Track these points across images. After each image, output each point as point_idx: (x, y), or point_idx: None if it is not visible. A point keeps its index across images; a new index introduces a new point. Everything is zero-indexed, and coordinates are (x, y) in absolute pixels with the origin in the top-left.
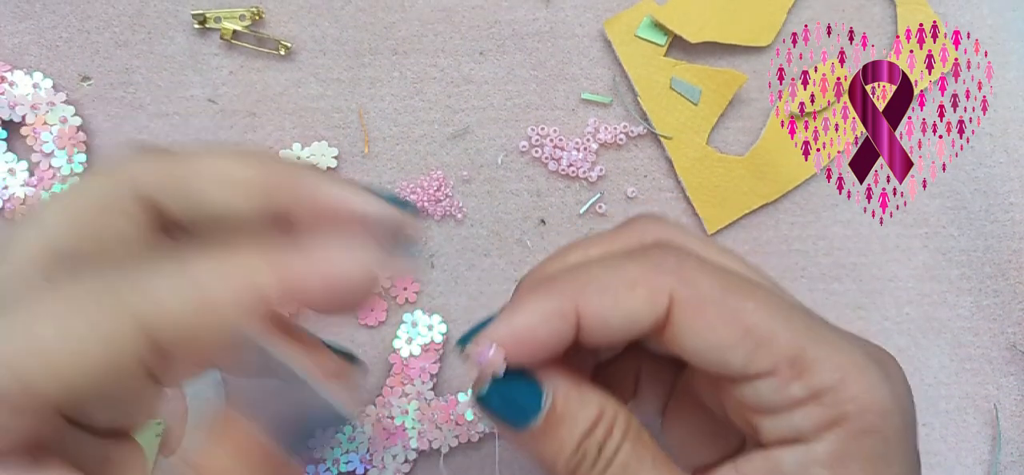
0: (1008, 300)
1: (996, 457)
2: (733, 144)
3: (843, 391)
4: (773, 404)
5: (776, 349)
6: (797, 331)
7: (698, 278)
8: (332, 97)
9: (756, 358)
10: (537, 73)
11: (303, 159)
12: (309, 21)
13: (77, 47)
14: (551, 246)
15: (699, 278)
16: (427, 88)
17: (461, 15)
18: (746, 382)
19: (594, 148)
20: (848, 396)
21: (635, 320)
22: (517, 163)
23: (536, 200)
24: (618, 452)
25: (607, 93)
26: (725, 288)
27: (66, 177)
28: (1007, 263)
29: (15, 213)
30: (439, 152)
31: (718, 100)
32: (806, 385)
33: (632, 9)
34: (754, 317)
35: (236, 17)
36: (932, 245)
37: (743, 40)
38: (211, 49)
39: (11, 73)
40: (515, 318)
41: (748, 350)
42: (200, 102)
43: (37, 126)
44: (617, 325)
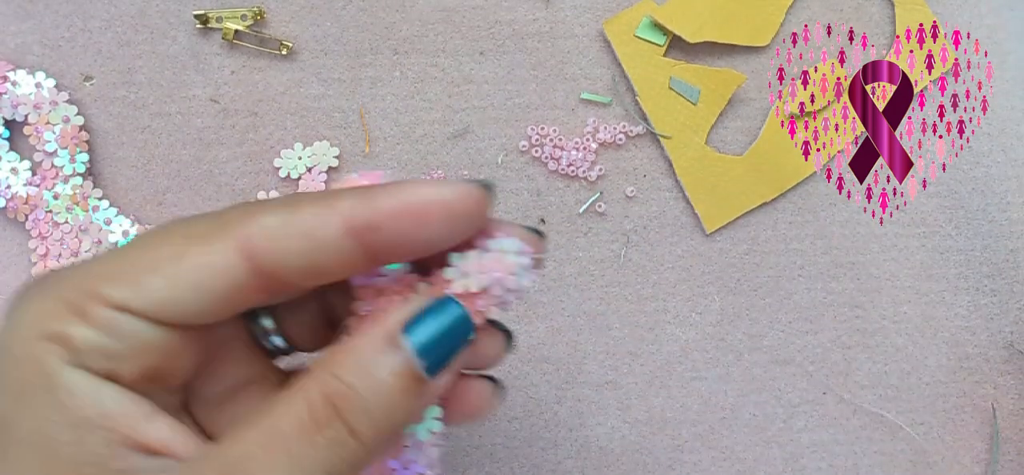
0: (1006, 299)
1: (994, 456)
2: (732, 144)
3: None
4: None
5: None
6: None
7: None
8: (333, 97)
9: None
10: (537, 73)
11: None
12: (310, 21)
13: (79, 47)
14: (551, 246)
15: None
16: (428, 88)
17: (461, 15)
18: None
19: (594, 148)
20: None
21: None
22: (517, 163)
23: (536, 200)
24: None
25: (606, 93)
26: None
27: (68, 176)
28: (1005, 263)
29: (17, 212)
30: (439, 152)
31: (717, 100)
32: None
33: (631, 9)
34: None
35: (238, 17)
36: (930, 244)
37: (742, 40)
38: (213, 49)
39: (14, 72)
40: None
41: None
42: (202, 102)
43: (40, 125)
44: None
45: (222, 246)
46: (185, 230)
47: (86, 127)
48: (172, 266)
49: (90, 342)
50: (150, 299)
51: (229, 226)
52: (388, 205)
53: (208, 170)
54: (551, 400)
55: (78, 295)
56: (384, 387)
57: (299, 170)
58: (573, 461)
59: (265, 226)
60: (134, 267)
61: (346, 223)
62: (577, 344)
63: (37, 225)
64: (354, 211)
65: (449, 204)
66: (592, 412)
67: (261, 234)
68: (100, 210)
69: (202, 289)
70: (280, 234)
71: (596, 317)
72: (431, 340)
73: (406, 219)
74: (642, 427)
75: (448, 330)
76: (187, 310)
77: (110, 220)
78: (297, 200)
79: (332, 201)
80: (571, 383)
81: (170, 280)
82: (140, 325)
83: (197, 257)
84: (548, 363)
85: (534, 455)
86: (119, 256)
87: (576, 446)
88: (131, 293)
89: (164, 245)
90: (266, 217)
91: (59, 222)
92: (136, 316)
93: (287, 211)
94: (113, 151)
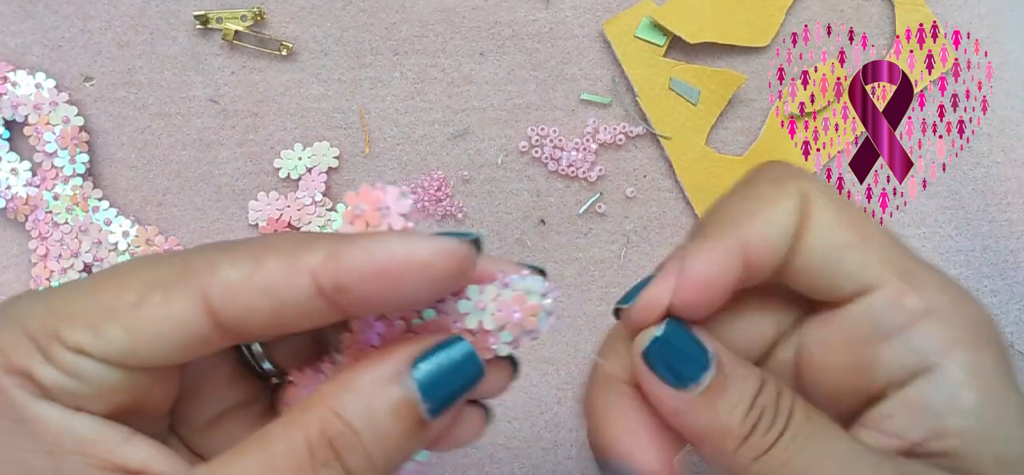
0: (1006, 300)
1: None
2: (732, 144)
3: (958, 307)
4: (890, 323)
5: (887, 260)
6: (904, 251)
7: (821, 186)
8: (333, 97)
9: (868, 265)
10: (537, 74)
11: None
12: (310, 22)
13: (79, 47)
14: (551, 246)
15: (822, 187)
16: (428, 89)
17: (461, 16)
18: (861, 299)
19: (593, 148)
20: (964, 311)
21: (787, 229)
22: (517, 163)
23: (536, 200)
24: (793, 411)
25: (606, 94)
26: (843, 205)
27: (68, 177)
28: (1004, 263)
29: (17, 213)
30: (439, 152)
31: (717, 100)
32: (921, 298)
33: (631, 10)
34: (869, 227)
35: (238, 18)
36: (930, 245)
37: (742, 41)
38: (213, 49)
39: (14, 73)
40: (689, 263)
41: (862, 256)
42: (202, 102)
43: (40, 126)
44: (777, 242)
45: (182, 299)
46: (148, 274)
47: (86, 128)
48: (131, 314)
49: (55, 382)
50: (109, 347)
51: (191, 275)
52: (358, 265)
53: (208, 171)
54: (551, 401)
55: (40, 332)
56: (385, 429)
57: (299, 170)
58: (574, 462)
59: (226, 282)
60: (94, 310)
61: (313, 282)
62: (577, 345)
63: (37, 226)
64: (322, 270)
65: (426, 265)
66: None
67: (222, 290)
68: (100, 211)
69: (162, 339)
70: (242, 290)
71: (596, 317)
72: (437, 381)
73: (378, 281)
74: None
75: (456, 372)
76: (147, 358)
77: (110, 221)
78: (264, 249)
79: (299, 255)
80: (571, 384)
81: (128, 330)
82: (102, 369)
83: (156, 307)
84: (548, 364)
85: (534, 456)
86: (80, 294)
87: (577, 447)
88: (91, 339)
89: (125, 289)
90: (229, 269)
91: (59, 223)
92: (96, 361)
93: (251, 263)
94: (113, 152)
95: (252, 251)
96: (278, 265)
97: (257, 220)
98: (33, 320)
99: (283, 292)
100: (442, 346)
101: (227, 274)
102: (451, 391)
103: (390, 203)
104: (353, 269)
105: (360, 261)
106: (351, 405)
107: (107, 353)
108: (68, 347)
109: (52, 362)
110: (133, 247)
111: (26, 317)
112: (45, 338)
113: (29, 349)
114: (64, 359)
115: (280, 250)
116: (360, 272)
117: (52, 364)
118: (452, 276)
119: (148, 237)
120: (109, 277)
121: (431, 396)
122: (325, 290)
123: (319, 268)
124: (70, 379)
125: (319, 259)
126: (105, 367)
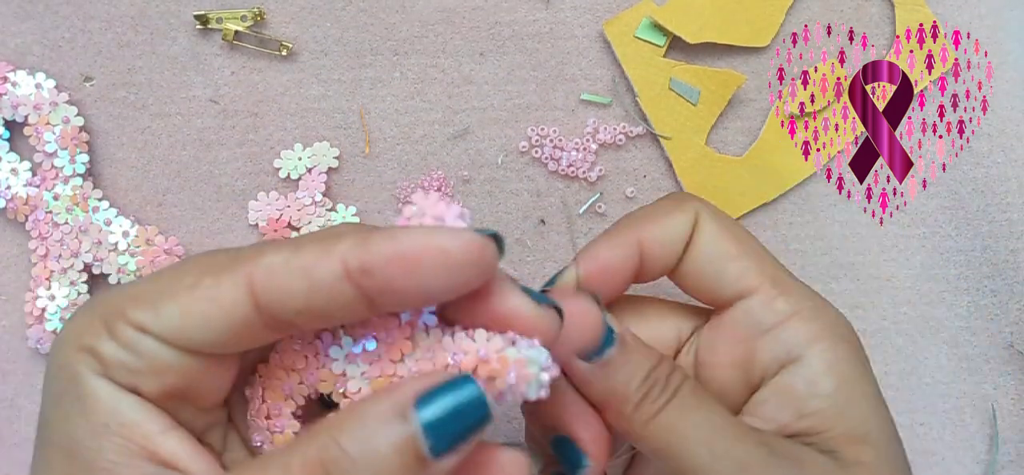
0: (1006, 300)
1: (994, 457)
2: (732, 144)
3: (819, 311)
4: (764, 321)
5: (762, 269)
6: (776, 264)
7: (713, 210)
8: (333, 98)
9: (747, 272)
10: (537, 74)
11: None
12: (310, 22)
13: (79, 47)
14: (551, 246)
15: (713, 210)
16: (428, 89)
17: (461, 16)
18: (740, 302)
19: (593, 148)
20: (824, 314)
21: (679, 235)
22: (517, 163)
23: (536, 200)
24: (682, 385)
25: (606, 94)
26: (729, 223)
27: (68, 177)
28: (1005, 263)
29: (17, 213)
30: (439, 152)
31: (717, 100)
32: (789, 301)
33: (631, 10)
34: (749, 242)
35: (238, 18)
36: (930, 245)
37: (742, 41)
38: (213, 49)
39: (14, 73)
40: (594, 252)
41: (741, 264)
42: (202, 102)
43: (40, 126)
44: (669, 243)
45: (231, 281)
46: (205, 262)
47: (86, 128)
48: (187, 295)
49: (115, 357)
50: (165, 324)
51: (240, 262)
52: (383, 250)
53: (208, 171)
54: None
55: (110, 313)
56: (382, 461)
57: (299, 171)
58: None
59: (268, 265)
60: (158, 292)
61: (342, 265)
62: None
63: (37, 226)
64: (350, 254)
65: (448, 254)
66: None
67: (263, 271)
68: (100, 211)
69: (210, 319)
70: (280, 271)
71: None
72: (442, 420)
73: (400, 266)
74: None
75: (462, 414)
76: (197, 338)
77: (110, 221)
78: (303, 240)
79: (332, 242)
80: None
81: (183, 308)
82: (158, 347)
83: (208, 289)
84: None
85: None
86: (151, 280)
87: None
88: (151, 316)
89: (186, 274)
90: (272, 255)
91: (59, 223)
92: (154, 338)
93: (291, 250)
94: (113, 152)
95: (294, 242)
96: (313, 250)
97: (257, 220)
98: (108, 304)
99: (314, 272)
100: (451, 385)
101: (269, 259)
102: (456, 432)
103: (447, 218)
104: (378, 254)
105: (385, 247)
106: (351, 433)
107: (164, 331)
108: (131, 324)
109: (115, 338)
110: (133, 247)
111: (103, 303)
112: (113, 318)
113: (98, 329)
114: (126, 335)
115: (318, 239)
116: (385, 256)
117: (115, 340)
118: (473, 267)
119: (148, 237)
120: (174, 266)
121: (434, 433)
122: (352, 274)
123: (347, 252)
124: (128, 354)
125: (348, 245)
126: (161, 345)
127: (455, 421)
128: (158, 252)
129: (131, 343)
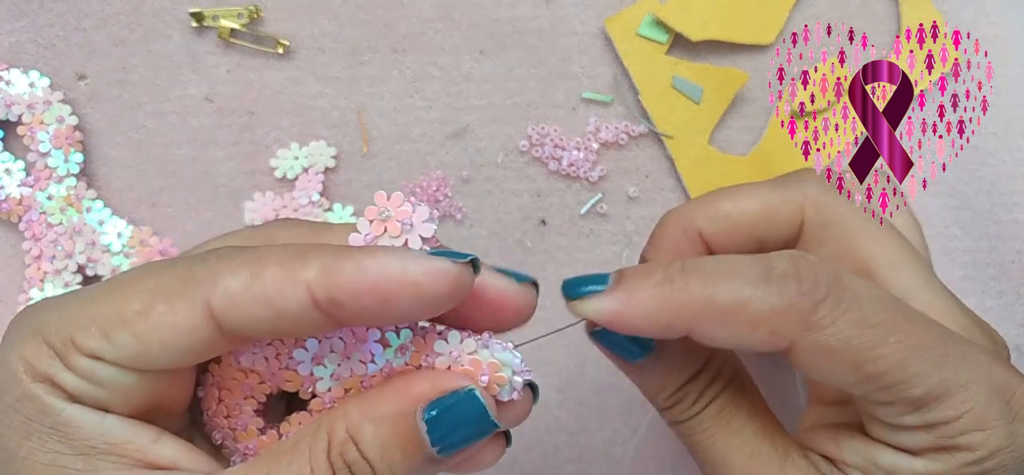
0: (1012, 301)
1: None
2: (735, 143)
3: (958, 426)
4: (886, 420)
5: (898, 392)
6: (926, 369)
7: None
8: (331, 96)
9: (877, 393)
10: (537, 72)
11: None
12: (307, 19)
13: (74, 46)
14: (551, 247)
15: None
16: (426, 87)
17: (461, 13)
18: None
19: (595, 147)
20: (961, 430)
21: (749, 345)
22: (517, 163)
23: (536, 200)
24: (716, 399)
25: (608, 92)
26: (860, 324)
27: (62, 177)
28: (1011, 264)
29: (11, 213)
30: (439, 151)
31: (720, 99)
32: (922, 418)
33: (633, 7)
34: (878, 365)
35: (234, 15)
36: (935, 245)
37: (745, 38)
38: (208, 47)
39: (7, 72)
40: (625, 303)
41: (870, 389)
42: (197, 101)
43: (33, 125)
44: (725, 340)
45: (185, 308)
46: (153, 282)
47: (80, 127)
48: (140, 322)
49: (78, 387)
50: (121, 353)
51: (194, 284)
52: (352, 281)
53: (203, 170)
54: (552, 404)
55: (58, 340)
56: (393, 461)
57: (295, 170)
58: (574, 466)
59: (226, 291)
60: (104, 318)
61: (308, 295)
62: (578, 347)
63: (31, 226)
64: (317, 283)
65: (419, 285)
66: (593, 416)
67: (223, 299)
68: (94, 211)
69: (168, 344)
70: (241, 300)
71: None
72: (447, 428)
73: (370, 297)
74: (644, 431)
75: (466, 424)
76: (158, 361)
77: (104, 221)
78: (264, 258)
79: (297, 267)
80: (572, 386)
81: (138, 337)
82: (117, 372)
83: (162, 316)
84: (549, 365)
85: (535, 459)
86: (90, 302)
87: (577, 450)
88: (103, 345)
89: (132, 297)
90: (229, 279)
91: (53, 223)
92: (110, 365)
93: (250, 274)
94: (107, 151)
95: (252, 261)
96: (275, 276)
97: (253, 220)
98: (50, 329)
99: (280, 303)
100: (457, 396)
101: (227, 284)
102: (459, 439)
103: (415, 222)
104: (347, 285)
105: (354, 277)
106: (365, 431)
107: (120, 358)
108: (84, 353)
109: (71, 368)
110: (127, 248)
111: (44, 326)
112: (62, 345)
113: (50, 356)
114: (82, 365)
115: (278, 260)
116: (354, 288)
117: (72, 370)
118: (444, 297)
119: (142, 237)
120: (115, 286)
121: (440, 439)
122: (320, 304)
123: (314, 282)
124: (90, 384)
125: (314, 273)
126: (120, 371)
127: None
128: (152, 253)
129: (88, 373)
